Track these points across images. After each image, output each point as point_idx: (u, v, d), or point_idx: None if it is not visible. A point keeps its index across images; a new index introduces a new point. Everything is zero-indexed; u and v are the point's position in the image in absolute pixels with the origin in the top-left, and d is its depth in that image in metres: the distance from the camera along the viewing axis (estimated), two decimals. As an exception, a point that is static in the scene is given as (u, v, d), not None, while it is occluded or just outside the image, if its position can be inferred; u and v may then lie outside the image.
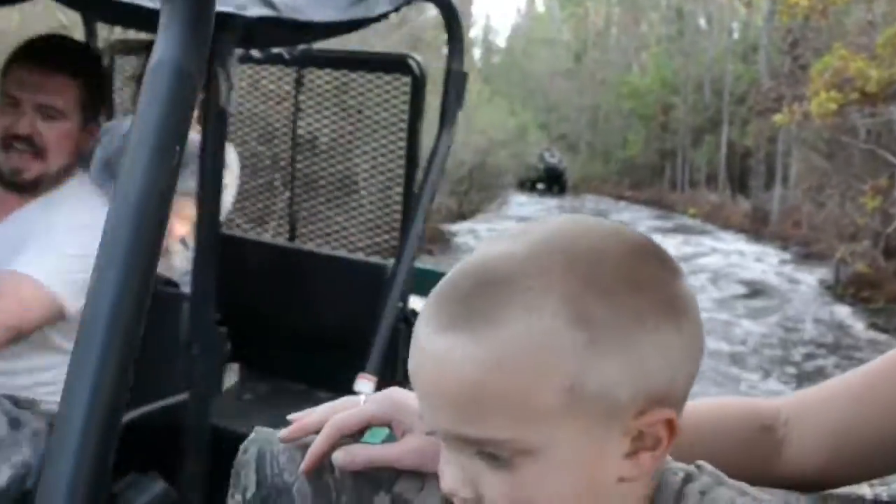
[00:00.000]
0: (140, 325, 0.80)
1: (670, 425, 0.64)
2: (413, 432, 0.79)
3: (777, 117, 13.45)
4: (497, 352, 0.61)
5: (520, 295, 0.62)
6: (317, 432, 0.82)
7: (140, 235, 0.79)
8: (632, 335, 0.62)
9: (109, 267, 0.79)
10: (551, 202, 29.25)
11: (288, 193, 3.50)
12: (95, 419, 0.73)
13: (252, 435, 0.87)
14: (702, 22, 33.90)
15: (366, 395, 0.84)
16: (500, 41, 48.70)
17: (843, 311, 12.66)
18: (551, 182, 32.36)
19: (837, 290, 13.65)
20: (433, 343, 0.63)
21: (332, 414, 0.82)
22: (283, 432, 0.83)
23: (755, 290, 14.18)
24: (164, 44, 0.83)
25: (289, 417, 0.84)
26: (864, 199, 12.37)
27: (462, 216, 20.02)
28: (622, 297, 0.62)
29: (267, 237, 3.64)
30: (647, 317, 0.62)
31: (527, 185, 31.40)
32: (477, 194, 21.12)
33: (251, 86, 3.40)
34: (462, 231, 18.86)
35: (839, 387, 0.88)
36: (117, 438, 0.75)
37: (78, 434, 0.73)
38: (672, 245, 19.04)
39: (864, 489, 0.90)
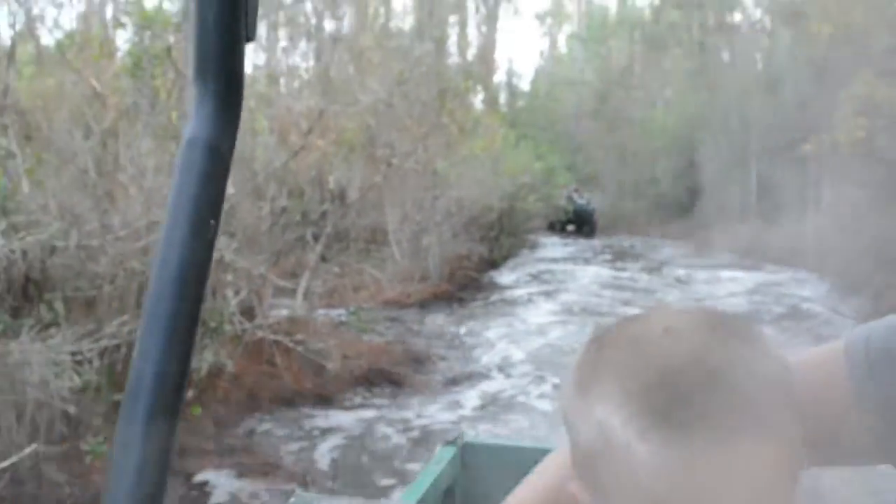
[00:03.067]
0: (183, 391, 0.82)
1: None
2: None
3: (805, 147, 13.38)
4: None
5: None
6: None
7: (180, 307, 0.82)
8: None
9: (151, 338, 0.82)
10: (585, 243, 29.15)
11: None
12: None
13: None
14: (725, 55, 33.90)
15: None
16: (524, 84, 48.89)
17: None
18: (581, 223, 32.27)
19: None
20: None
21: None
22: None
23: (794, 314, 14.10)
24: (198, 121, 0.86)
25: None
26: (900, 225, 12.21)
27: (493, 263, 19.94)
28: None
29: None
30: None
31: (557, 227, 31.34)
32: (507, 239, 21.13)
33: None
34: (496, 277, 18.81)
35: None
36: None
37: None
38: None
39: None
